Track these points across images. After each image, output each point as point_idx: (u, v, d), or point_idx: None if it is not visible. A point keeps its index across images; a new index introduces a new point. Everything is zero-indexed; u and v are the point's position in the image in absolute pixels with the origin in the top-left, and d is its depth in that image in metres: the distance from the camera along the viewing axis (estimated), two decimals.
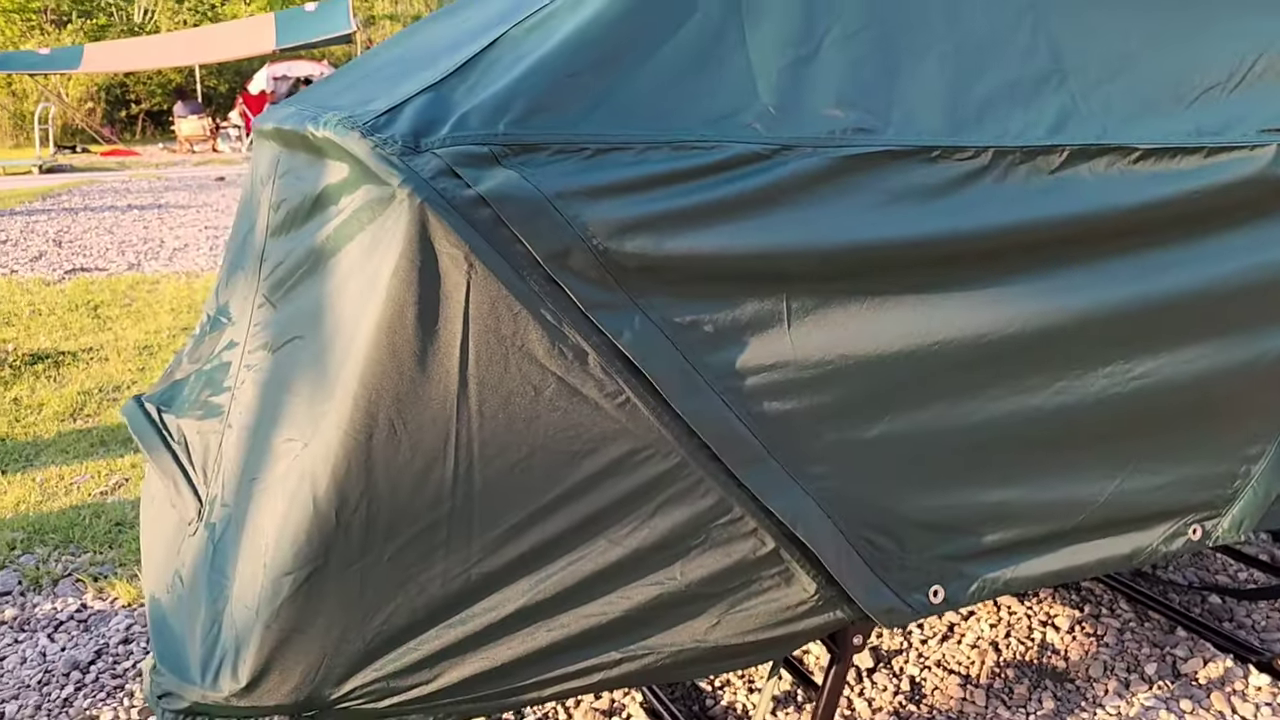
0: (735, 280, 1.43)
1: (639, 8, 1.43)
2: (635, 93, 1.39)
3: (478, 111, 1.31)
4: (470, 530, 1.41)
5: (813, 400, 1.49)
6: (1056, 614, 2.71)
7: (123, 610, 2.81)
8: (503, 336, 1.33)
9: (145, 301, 6.59)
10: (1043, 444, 1.68)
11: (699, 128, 1.39)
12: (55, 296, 6.75)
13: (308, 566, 1.37)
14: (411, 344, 1.31)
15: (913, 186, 1.47)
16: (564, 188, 1.31)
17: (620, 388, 1.39)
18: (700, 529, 1.50)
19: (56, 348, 5.44)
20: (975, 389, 1.59)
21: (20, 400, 4.61)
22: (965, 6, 1.63)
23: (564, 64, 1.37)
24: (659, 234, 1.36)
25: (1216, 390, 1.77)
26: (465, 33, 1.62)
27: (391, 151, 1.28)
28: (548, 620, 1.49)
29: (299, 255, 1.52)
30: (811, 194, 1.43)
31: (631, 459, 1.43)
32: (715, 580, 1.55)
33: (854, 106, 1.47)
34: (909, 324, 1.52)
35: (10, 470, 3.84)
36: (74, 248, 8.84)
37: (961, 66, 1.58)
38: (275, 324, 1.56)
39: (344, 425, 1.33)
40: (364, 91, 1.54)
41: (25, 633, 2.72)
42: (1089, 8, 1.72)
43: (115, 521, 3.35)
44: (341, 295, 1.40)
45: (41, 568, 3.05)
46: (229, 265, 1.84)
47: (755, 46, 1.47)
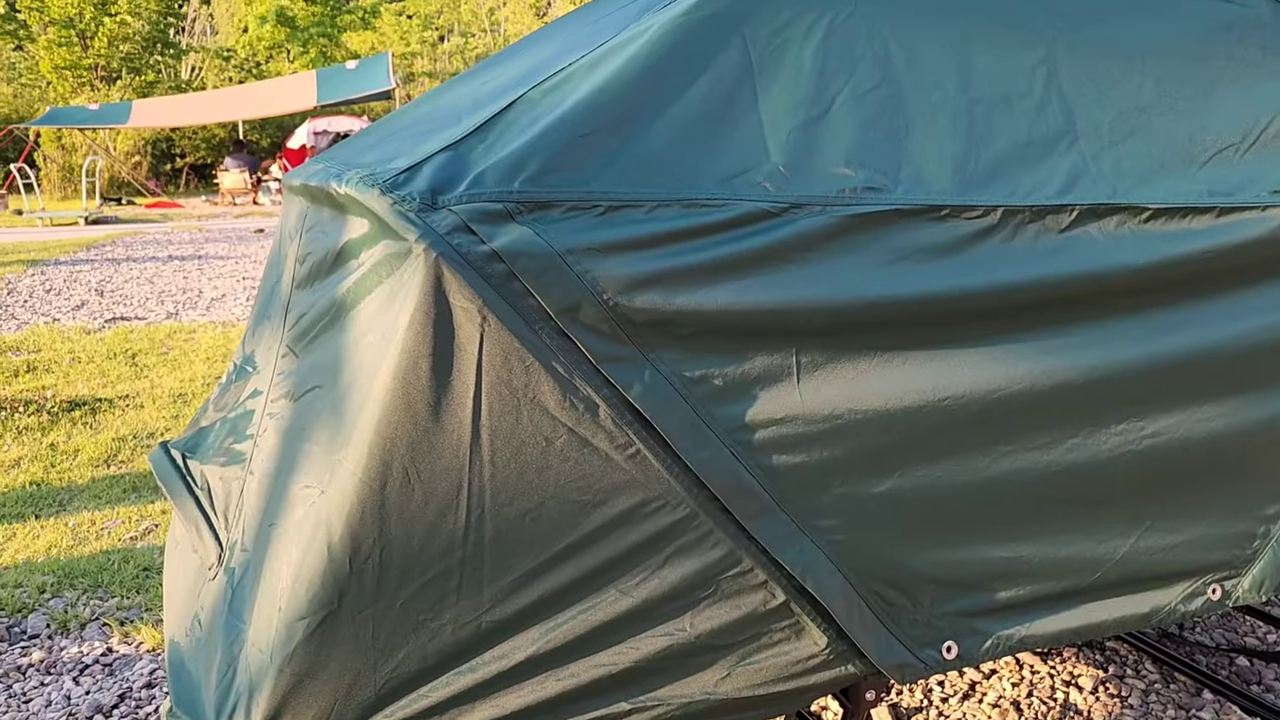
0: (745, 335, 1.45)
1: (652, 71, 1.48)
2: (647, 152, 1.43)
3: (494, 170, 1.36)
4: (481, 578, 1.43)
5: (822, 454, 1.50)
6: (1080, 674, 2.67)
7: (147, 655, 2.85)
8: (515, 388, 1.36)
9: (182, 350, 6.71)
10: (1056, 501, 1.68)
11: (710, 186, 1.43)
12: (95, 344, 6.88)
13: (321, 612, 1.39)
14: (426, 394, 1.34)
15: (922, 244, 1.50)
16: (576, 244, 1.35)
17: (630, 440, 1.41)
18: (710, 580, 1.51)
19: (94, 395, 5.54)
20: (986, 445, 1.60)
21: (57, 446, 4.70)
22: (977, 66, 1.66)
23: (578, 124, 1.41)
24: (669, 289, 1.39)
25: (1232, 449, 1.76)
26: (487, 93, 1.67)
27: (409, 208, 1.33)
28: (557, 669, 1.50)
29: (321, 307, 1.57)
30: (821, 251, 1.46)
31: (641, 510, 1.45)
32: (725, 632, 1.55)
33: (864, 166, 1.50)
34: (918, 380, 1.53)
35: (44, 515, 3.90)
36: (115, 297, 9.03)
37: (973, 126, 1.61)
38: (297, 373, 1.61)
39: (359, 473, 1.36)
40: (388, 149, 1.60)
41: (51, 675, 2.76)
42: (1102, 67, 1.75)
43: (143, 566, 3.40)
44: (359, 346, 1.44)
45: (70, 611, 3.09)
46: (256, 316, 1.89)
47: (766, 107, 1.51)
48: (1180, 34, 1.88)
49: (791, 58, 1.56)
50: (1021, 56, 1.70)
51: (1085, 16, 1.82)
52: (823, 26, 1.60)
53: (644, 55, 1.50)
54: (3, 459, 4.51)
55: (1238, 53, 1.87)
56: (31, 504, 4.01)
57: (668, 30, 1.53)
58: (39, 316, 8.06)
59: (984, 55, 1.68)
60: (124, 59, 30.90)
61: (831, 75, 1.57)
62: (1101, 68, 1.73)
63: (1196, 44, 1.86)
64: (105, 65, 30.74)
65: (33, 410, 5.16)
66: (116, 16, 30.56)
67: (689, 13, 1.56)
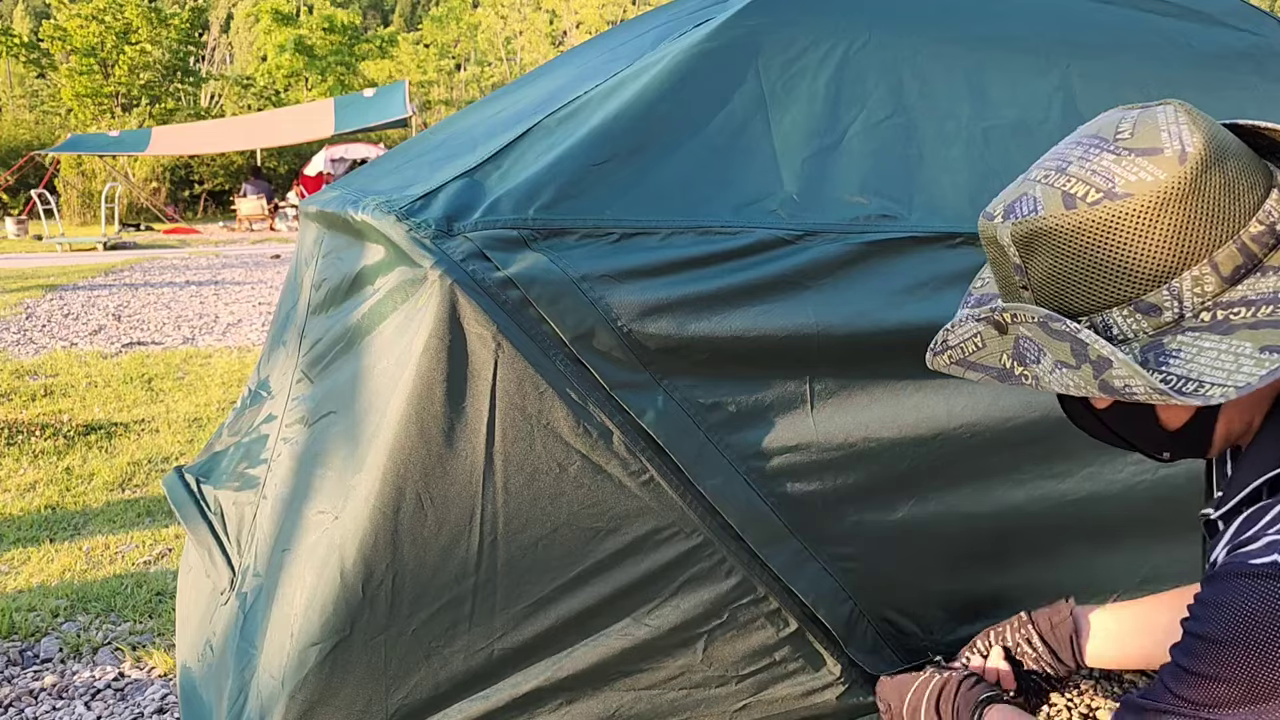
0: (758, 362, 1.45)
1: (666, 100, 1.49)
2: (661, 180, 1.43)
3: (509, 197, 1.37)
4: (494, 605, 1.42)
5: (835, 481, 1.49)
6: (1099, 706, 2.64)
7: (159, 680, 2.84)
8: (528, 414, 1.36)
9: (197, 375, 6.74)
10: (1071, 528, 1.67)
11: (724, 214, 1.43)
12: (111, 369, 6.92)
13: (333, 638, 1.39)
14: (439, 420, 1.34)
15: (936, 272, 1.49)
16: (590, 270, 1.35)
17: (644, 466, 1.41)
18: (723, 609, 1.50)
19: (110, 419, 5.57)
20: (1001, 473, 1.59)
21: (72, 470, 4.72)
22: (991, 95, 1.67)
23: (593, 152, 1.42)
24: (683, 316, 1.39)
25: None
26: (502, 121, 1.69)
27: (425, 235, 1.34)
28: (569, 697, 1.49)
29: (336, 333, 1.57)
30: (835, 278, 1.46)
31: (654, 537, 1.45)
32: (739, 660, 1.54)
33: (877, 194, 1.51)
34: (932, 408, 1.53)
35: (58, 538, 3.91)
36: (132, 322, 9.09)
37: (986, 154, 1.61)
38: (312, 399, 1.61)
39: (373, 498, 1.36)
40: (405, 176, 1.61)
41: (63, 700, 2.75)
42: (1117, 95, 1.75)
43: (156, 591, 3.40)
44: (374, 372, 1.44)
45: (82, 635, 3.09)
46: (272, 341, 1.90)
47: (780, 135, 1.52)
48: (1195, 62, 1.88)
49: (805, 87, 1.57)
50: (1036, 85, 1.71)
51: (1100, 45, 1.82)
52: (836, 56, 1.61)
53: (658, 84, 1.51)
54: (19, 482, 4.53)
55: (1254, 81, 1.88)
56: (46, 527, 4.02)
57: (682, 60, 1.54)
58: (57, 341, 8.12)
59: (998, 84, 1.69)
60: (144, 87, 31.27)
61: (845, 104, 1.58)
62: (1117, 96, 1.73)
63: (1213, 72, 1.87)
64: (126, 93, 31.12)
65: (49, 434, 5.18)
66: (137, 45, 30.96)
67: (703, 42, 1.57)
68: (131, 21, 30.95)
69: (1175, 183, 0.89)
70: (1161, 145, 0.91)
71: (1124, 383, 0.90)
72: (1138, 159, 0.91)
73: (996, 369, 1.03)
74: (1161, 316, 0.92)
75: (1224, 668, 0.90)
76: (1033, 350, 0.98)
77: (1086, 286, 0.94)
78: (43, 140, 27.15)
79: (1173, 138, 0.92)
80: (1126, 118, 0.96)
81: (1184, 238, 0.90)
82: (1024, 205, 0.96)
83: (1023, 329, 0.98)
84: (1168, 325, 0.92)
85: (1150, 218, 0.90)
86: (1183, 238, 0.90)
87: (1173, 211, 0.89)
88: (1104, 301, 0.94)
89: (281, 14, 38.08)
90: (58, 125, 30.96)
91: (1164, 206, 0.89)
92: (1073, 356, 0.93)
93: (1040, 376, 0.98)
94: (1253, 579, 0.90)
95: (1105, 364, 0.91)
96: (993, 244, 1.01)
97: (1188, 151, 0.90)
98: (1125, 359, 0.89)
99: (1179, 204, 0.89)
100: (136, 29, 31.00)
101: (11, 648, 3.04)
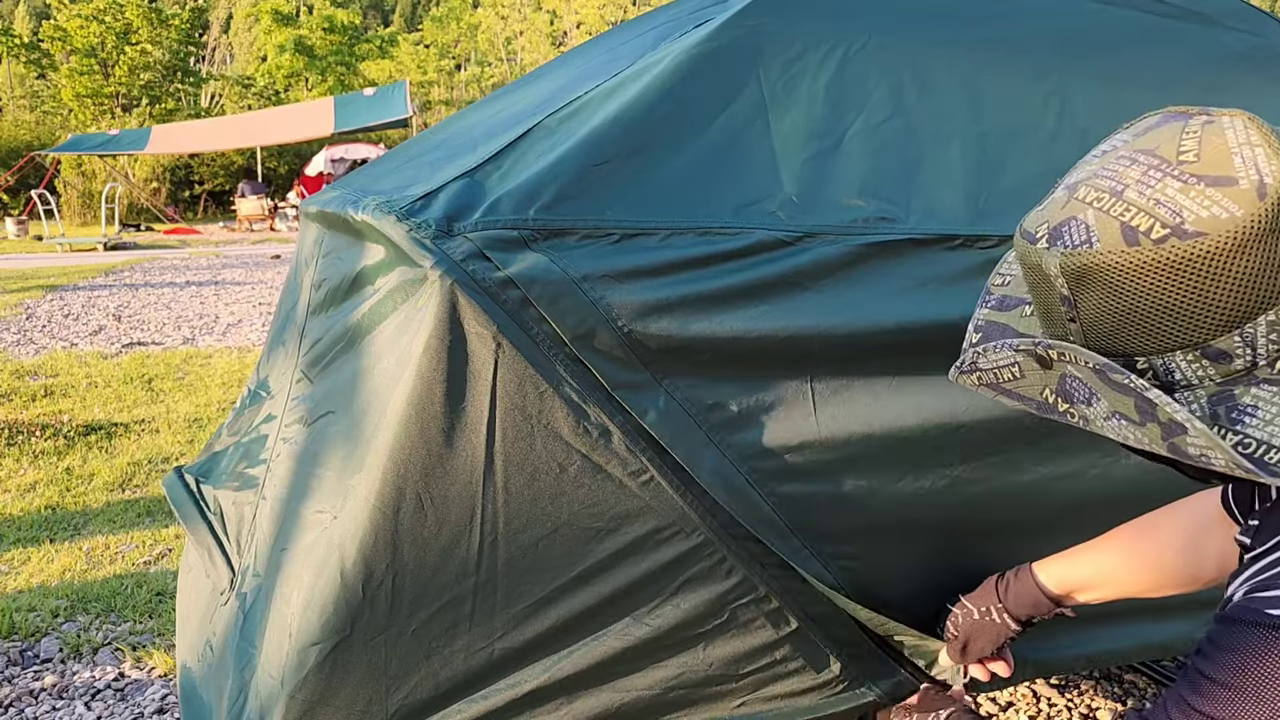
0: (759, 362, 1.45)
1: (667, 100, 1.49)
2: (662, 180, 1.43)
3: (509, 197, 1.37)
4: (494, 605, 1.42)
5: (836, 480, 1.49)
6: (1099, 706, 2.64)
7: (159, 680, 2.84)
8: (529, 414, 1.36)
9: (197, 375, 6.75)
10: (1075, 526, 1.66)
11: (724, 215, 1.43)
12: (111, 369, 6.93)
13: (333, 638, 1.39)
14: (439, 420, 1.34)
15: (935, 273, 1.49)
16: (590, 271, 1.35)
17: (644, 466, 1.41)
18: (724, 608, 1.50)
19: (110, 419, 5.57)
20: (1004, 472, 1.59)
21: (72, 470, 4.72)
22: (989, 97, 1.67)
23: (593, 153, 1.42)
24: (684, 316, 1.39)
25: None
26: (503, 121, 1.69)
27: (425, 235, 1.34)
28: (569, 698, 1.49)
29: (336, 333, 1.57)
30: (835, 279, 1.46)
31: (655, 537, 1.45)
32: (740, 660, 1.54)
33: (877, 196, 1.51)
34: (934, 407, 1.52)
35: (59, 539, 3.92)
36: (133, 322, 9.09)
37: (985, 156, 1.61)
38: (311, 399, 1.61)
39: (372, 498, 1.36)
40: (405, 176, 1.61)
41: (63, 700, 2.75)
42: (1115, 98, 1.75)
43: (156, 591, 3.40)
44: (374, 372, 1.44)
45: (82, 636, 3.10)
46: (271, 341, 1.90)
47: (780, 136, 1.52)
48: (1194, 64, 1.88)
49: (805, 88, 1.57)
50: (1034, 87, 1.71)
51: (1099, 46, 1.82)
52: (836, 57, 1.61)
53: (659, 84, 1.51)
54: (19, 483, 4.53)
55: (1253, 82, 1.88)
56: (46, 528, 4.03)
57: (683, 60, 1.54)
58: (57, 341, 8.12)
59: (996, 86, 1.69)
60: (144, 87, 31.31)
61: (845, 106, 1.58)
62: (1115, 98, 1.73)
63: (1211, 74, 1.87)
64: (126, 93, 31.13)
65: (49, 434, 5.19)
66: (138, 45, 30.99)
67: (704, 43, 1.57)
68: (132, 22, 30.98)
69: (1253, 222, 0.79)
70: (1235, 175, 0.81)
71: (1200, 451, 0.82)
72: (1209, 190, 0.81)
73: (1037, 401, 0.95)
74: (1232, 364, 0.84)
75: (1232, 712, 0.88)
76: (1082, 391, 0.90)
77: (1147, 328, 0.85)
78: (43, 141, 27.18)
79: (1247, 165, 0.81)
80: (1189, 133, 0.85)
81: (1261, 280, 0.80)
82: (1075, 233, 0.86)
83: (1072, 369, 0.89)
84: (1238, 373, 0.84)
85: (1225, 260, 0.80)
86: (1260, 280, 0.80)
87: (1250, 253, 0.79)
88: (1166, 345, 0.85)
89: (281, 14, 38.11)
90: (58, 126, 30.97)
91: (1241, 249, 0.79)
92: (1136, 413, 0.85)
93: (1091, 419, 0.90)
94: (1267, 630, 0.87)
95: (1178, 429, 0.83)
96: (1035, 270, 0.91)
97: (1266, 183, 0.79)
98: (1203, 428, 0.81)
99: (1257, 245, 0.79)
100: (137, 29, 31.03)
101: (12, 648, 3.04)
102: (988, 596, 1.51)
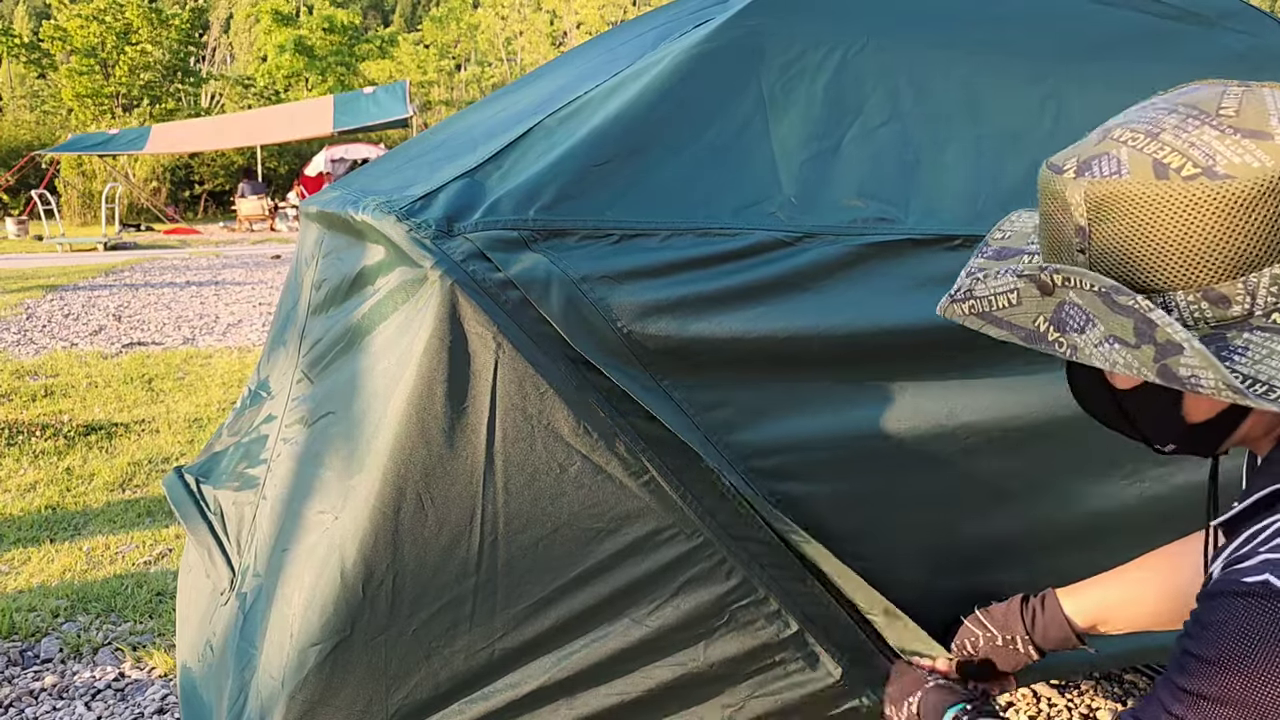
0: (758, 363, 1.45)
1: (667, 101, 1.49)
2: (661, 181, 1.44)
3: (509, 198, 1.37)
4: (494, 605, 1.42)
5: (834, 481, 1.50)
6: (1099, 707, 2.65)
7: (159, 680, 2.84)
8: (529, 415, 1.36)
9: (198, 375, 6.75)
10: (1073, 529, 1.67)
11: (723, 216, 1.43)
12: (112, 369, 6.93)
13: (333, 638, 1.39)
14: (440, 420, 1.35)
15: (934, 274, 1.49)
16: (590, 271, 1.35)
17: (644, 467, 1.41)
18: (723, 609, 1.50)
19: (110, 419, 5.57)
20: (1002, 473, 1.59)
21: (72, 470, 4.72)
22: (987, 100, 1.67)
23: (593, 153, 1.42)
24: (683, 317, 1.39)
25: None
26: (503, 121, 1.69)
27: (425, 235, 1.34)
28: (569, 698, 1.49)
29: (337, 333, 1.58)
30: (834, 279, 1.46)
31: (655, 538, 1.45)
32: (739, 661, 1.54)
33: (875, 197, 1.51)
34: (933, 408, 1.52)
35: (59, 539, 3.92)
36: (133, 322, 9.09)
37: (983, 158, 1.61)
38: (312, 399, 1.61)
39: (373, 498, 1.36)
40: (405, 176, 1.61)
41: (63, 700, 2.75)
42: (1112, 100, 1.74)
43: (156, 591, 3.40)
44: (374, 372, 1.45)
45: (82, 636, 3.10)
46: (272, 341, 1.90)
47: (780, 138, 1.52)
48: (1193, 65, 1.88)
49: (804, 89, 1.57)
50: (1031, 90, 1.71)
51: (1098, 48, 1.82)
52: (835, 59, 1.61)
53: (659, 85, 1.51)
54: (19, 483, 4.54)
55: None
56: (46, 528, 4.03)
57: (682, 61, 1.54)
58: (57, 341, 8.12)
59: (994, 89, 1.69)
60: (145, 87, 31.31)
61: (843, 107, 1.58)
62: (1112, 101, 1.73)
63: (1210, 75, 1.86)
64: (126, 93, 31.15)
65: (49, 434, 5.19)
66: (138, 45, 31.00)
67: (703, 43, 1.57)
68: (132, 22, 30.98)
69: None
70: (1271, 131, 0.85)
71: (1191, 372, 0.85)
72: (1244, 140, 0.85)
73: (1025, 330, 0.97)
74: (1229, 310, 0.87)
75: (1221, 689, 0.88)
76: (1078, 318, 0.92)
77: (1156, 264, 0.88)
78: (43, 141, 27.17)
79: None
80: (1229, 94, 0.90)
81: (1275, 232, 0.84)
82: (1105, 165, 0.89)
83: (1073, 295, 0.91)
84: (1234, 320, 0.87)
85: (1247, 206, 0.83)
86: (1274, 232, 0.84)
87: (1271, 203, 0.84)
88: (1170, 283, 0.88)
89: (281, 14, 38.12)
90: (58, 126, 30.98)
91: (1264, 197, 0.83)
92: (1134, 335, 0.87)
93: (1080, 346, 0.92)
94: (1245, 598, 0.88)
95: (1173, 349, 0.85)
96: (1055, 199, 0.94)
97: None
98: (1200, 349, 0.83)
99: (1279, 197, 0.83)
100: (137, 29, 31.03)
101: (12, 648, 3.04)
102: (1013, 625, 1.48)
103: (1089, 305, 0.90)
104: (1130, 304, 0.87)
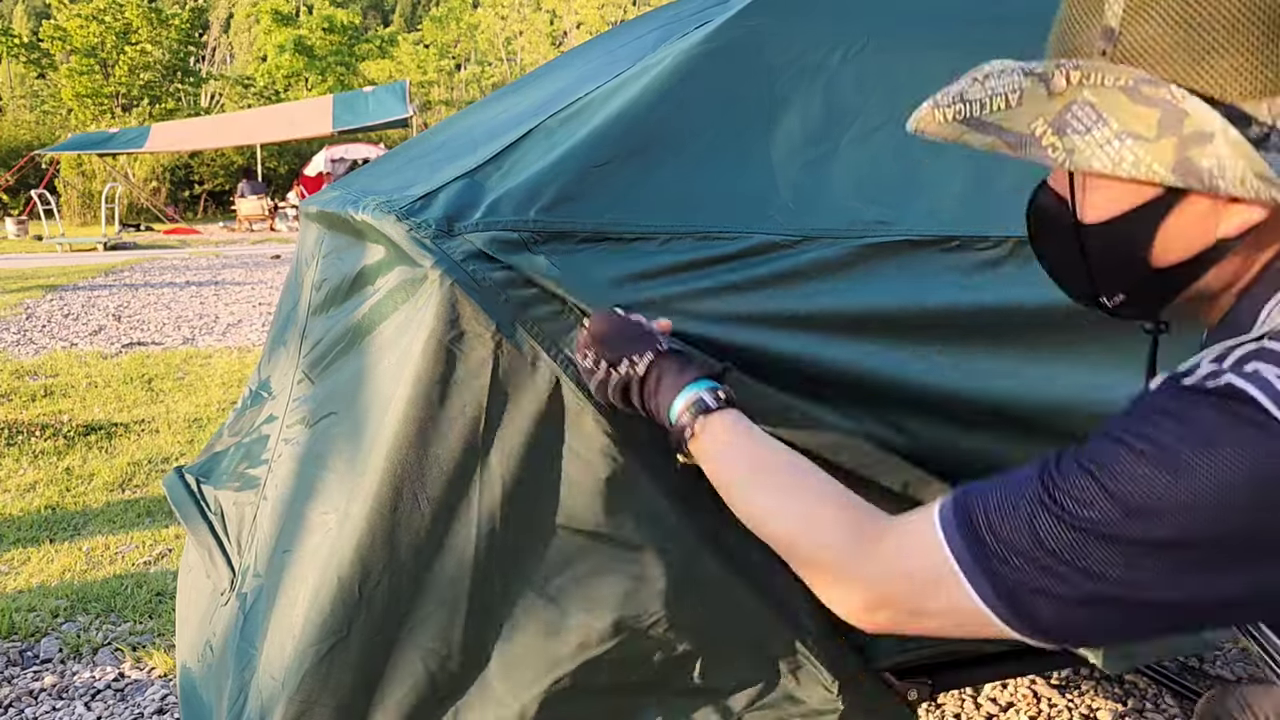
0: (758, 365, 1.45)
1: (667, 102, 1.49)
2: (662, 183, 1.44)
3: (509, 198, 1.37)
4: (491, 606, 1.42)
5: None
6: (1099, 708, 2.65)
7: (159, 680, 2.84)
8: (528, 415, 1.36)
9: (197, 375, 6.75)
10: None
11: (723, 218, 1.43)
12: (111, 369, 6.93)
13: (331, 639, 1.39)
14: (437, 420, 1.35)
15: (933, 273, 1.49)
16: (591, 274, 1.35)
17: (644, 467, 1.41)
18: (721, 620, 1.50)
19: (110, 419, 5.57)
20: None
21: (72, 470, 4.72)
22: None
23: (594, 154, 1.42)
24: (682, 318, 1.39)
25: None
26: (503, 121, 1.69)
27: (425, 235, 1.34)
28: (568, 699, 1.49)
29: (337, 333, 1.58)
30: (834, 279, 1.46)
31: (654, 540, 1.44)
32: (735, 676, 1.53)
33: (874, 199, 1.51)
34: (932, 408, 1.52)
35: (58, 539, 3.92)
36: (132, 322, 9.09)
37: (983, 159, 1.60)
38: (313, 399, 1.61)
39: (371, 499, 1.36)
40: (405, 176, 1.61)
41: (63, 700, 2.76)
42: None
43: (156, 591, 3.40)
44: (375, 372, 1.45)
45: (82, 636, 3.10)
46: (272, 341, 1.90)
47: (779, 139, 1.52)
48: None
49: (804, 89, 1.57)
50: None
51: None
52: (835, 60, 1.61)
53: (659, 86, 1.51)
54: (19, 483, 4.54)
55: None
56: (46, 528, 4.03)
57: (683, 62, 1.54)
58: (57, 341, 8.12)
59: None
60: (144, 87, 31.32)
61: (843, 108, 1.58)
62: None
63: None
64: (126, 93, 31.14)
65: (49, 434, 5.19)
66: (137, 45, 31.00)
67: (704, 44, 1.57)
68: (131, 21, 30.99)
69: None
70: None
71: (1216, 163, 0.80)
72: None
73: (1015, 135, 0.91)
74: (1247, 130, 0.83)
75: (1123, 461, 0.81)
76: (1086, 119, 0.87)
77: (1186, 71, 0.83)
78: (43, 140, 27.18)
79: None
80: None
81: None
82: None
83: (1087, 93, 0.86)
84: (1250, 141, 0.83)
85: None
86: None
87: None
88: (1198, 90, 0.83)
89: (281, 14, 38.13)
90: (58, 125, 30.98)
91: None
92: (1156, 127, 0.83)
93: (1079, 149, 0.87)
94: (1174, 392, 0.82)
95: (1202, 139, 0.81)
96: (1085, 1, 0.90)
97: None
98: (1237, 136, 0.79)
99: None
100: (136, 29, 31.04)
101: (11, 648, 3.04)
102: None
103: (1105, 102, 0.86)
104: (1164, 95, 0.83)
